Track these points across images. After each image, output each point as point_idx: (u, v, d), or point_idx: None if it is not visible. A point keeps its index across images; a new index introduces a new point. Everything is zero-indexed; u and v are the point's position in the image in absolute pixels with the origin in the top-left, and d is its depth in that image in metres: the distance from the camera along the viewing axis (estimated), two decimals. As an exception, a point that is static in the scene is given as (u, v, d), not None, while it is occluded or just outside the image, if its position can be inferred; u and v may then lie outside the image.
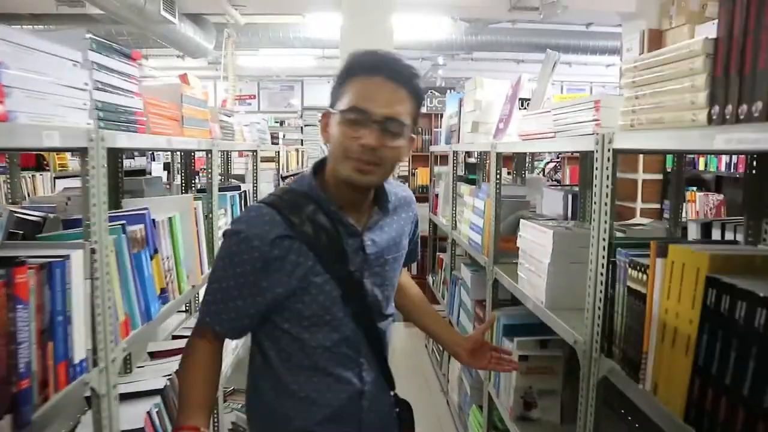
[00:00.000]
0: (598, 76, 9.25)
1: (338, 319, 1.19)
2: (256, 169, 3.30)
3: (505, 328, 2.28)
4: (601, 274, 1.34)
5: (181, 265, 1.86)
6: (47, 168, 6.14)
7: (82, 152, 1.20)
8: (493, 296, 2.43)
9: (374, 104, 1.09)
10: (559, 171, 8.41)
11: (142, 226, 1.55)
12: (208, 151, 2.24)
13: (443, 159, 5.35)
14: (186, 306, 3.09)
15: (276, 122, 10.36)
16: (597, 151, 1.33)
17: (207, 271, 2.19)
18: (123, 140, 1.36)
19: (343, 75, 1.16)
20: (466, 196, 3.02)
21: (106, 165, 1.25)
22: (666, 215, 3.88)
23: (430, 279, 4.51)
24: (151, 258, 1.61)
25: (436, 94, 5.53)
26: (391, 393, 1.35)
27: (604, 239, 1.33)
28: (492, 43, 6.95)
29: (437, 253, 4.40)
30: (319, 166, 1.23)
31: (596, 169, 1.35)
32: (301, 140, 12.27)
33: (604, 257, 1.33)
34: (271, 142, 5.80)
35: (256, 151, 3.29)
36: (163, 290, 1.68)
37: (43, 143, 1.00)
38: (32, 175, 5.69)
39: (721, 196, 4.46)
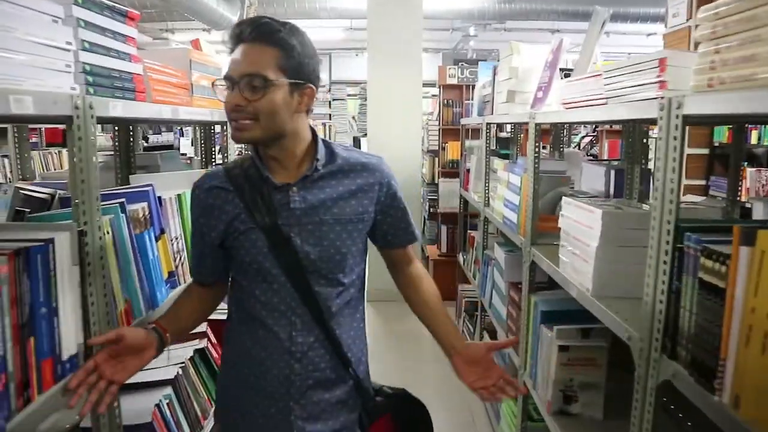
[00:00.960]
0: (637, 46, 8.81)
1: (266, 270, 1.23)
2: (278, 143, 3.14)
3: (543, 315, 2.10)
4: (665, 263, 1.15)
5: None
6: (74, 144, 6.09)
7: (67, 122, 1.06)
8: (529, 279, 2.25)
9: (233, 69, 1.16)
10: (596, 145, 8.08)
11: (145, 204, 1.42)
12: (224, 124, 2.09)
13: (474, 133, 5.13)
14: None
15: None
16: (662, 118, 1.13)
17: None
18: (117, 109, 1.21)
19: None
20: (500, 171, 2.82)
21: (95, 136, 1.11)
22: (711, 192, 3.63)
23: (461, 258, 4.33)
24: (157, 239, 1.47)
25: (467, 65, 5.26)
26: (350, 371, 1.31)
27: (668, 222, 1.13)
28: (526, 11, 6.64)
29: (468, 231, 4.21)
30: None
31: (660, 139, 1.15)
32: (330, 115, 12.07)
33: (668, 242, 1.13)
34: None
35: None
36: (171, 274, 1.55)
37: (11, 109, 0.85)
38: (58, 151, 5.66)
39: (775, 172, 4.15)
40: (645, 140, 2.13)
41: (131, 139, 2.13)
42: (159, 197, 1.51)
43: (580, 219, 1.67)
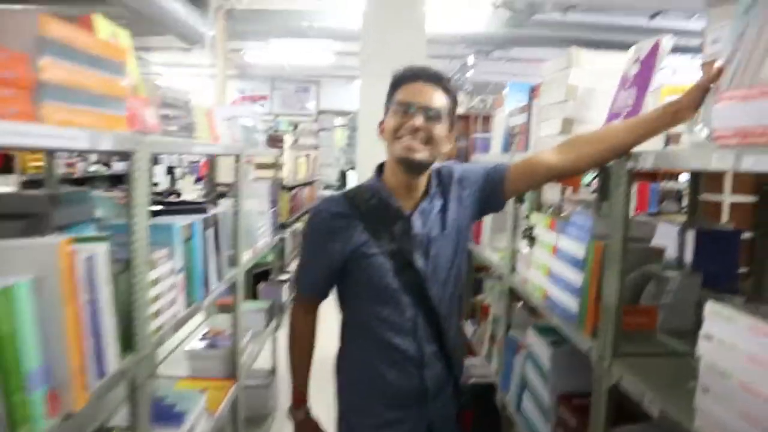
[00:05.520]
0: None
1: (392, 290, 1.46)
2: (238, 180, 2.33)
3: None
4: None
5: (23, 389, 0.89)
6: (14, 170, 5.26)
7: None
8: (606, 411, 1.44)
9: (416, 98, 1.44)
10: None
11: None
12: (129, 154, 1.28)
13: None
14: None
15: (291, 125, 9.48)
16: None
17: (111, 371, 1.21)
18: None
19: (390, 89, 1.53)
20: (543, 228, 2.00)
21: None
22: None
23: (468, 328, 3.44)
24: None
25: (480, 94, 4.53)
26: (454, 374, 1.59)
27: None
28: (538, 37, 5.98)
29: (476, 296, 3.36)
30: (382, 166, 1.60)
31: None
32: (316, 145, 11.44)
33: None
34: (275, 144, 4.83)
35: (239, 155, 2.33)
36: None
37: None
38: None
39: None
40: None
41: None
42: None
43: (758, 350, 0.87)
